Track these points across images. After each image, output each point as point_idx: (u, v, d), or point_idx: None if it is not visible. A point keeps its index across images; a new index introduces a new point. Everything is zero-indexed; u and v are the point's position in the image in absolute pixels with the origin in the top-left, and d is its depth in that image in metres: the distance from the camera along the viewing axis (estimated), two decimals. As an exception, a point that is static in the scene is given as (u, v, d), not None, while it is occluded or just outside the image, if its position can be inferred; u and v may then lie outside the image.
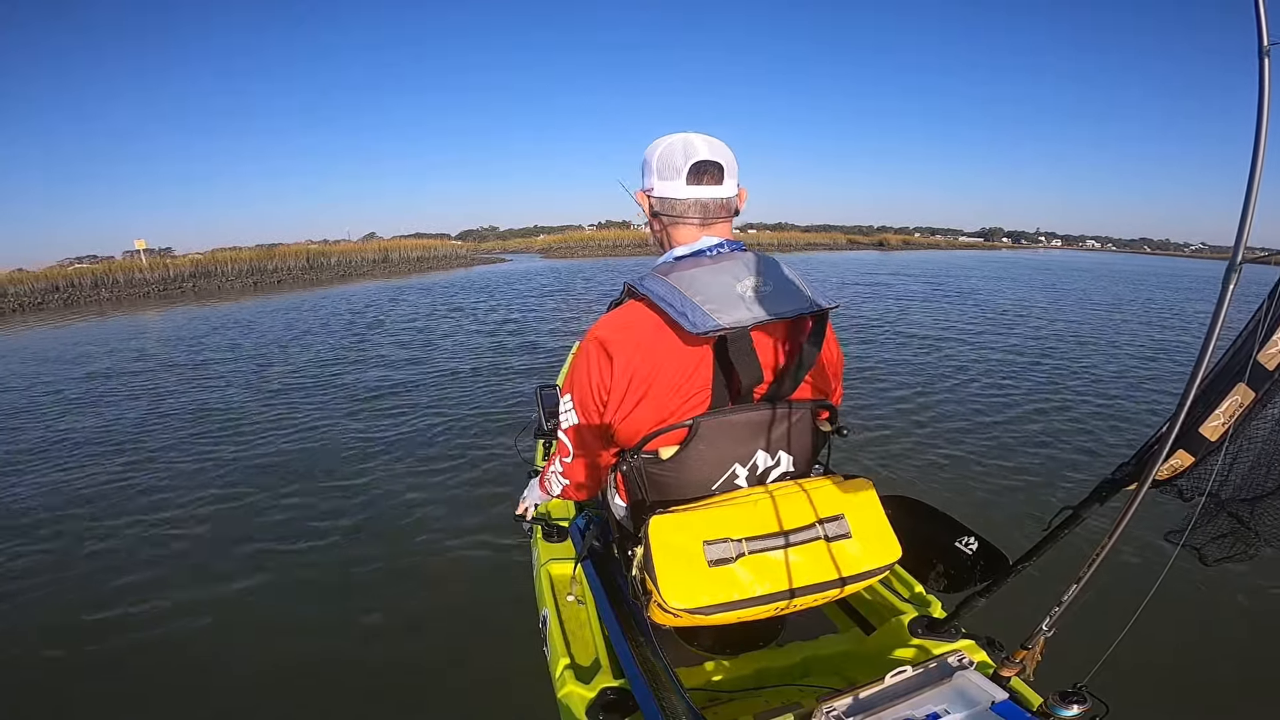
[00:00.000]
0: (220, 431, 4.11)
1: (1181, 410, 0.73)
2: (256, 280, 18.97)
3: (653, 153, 0.99)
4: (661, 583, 0.86)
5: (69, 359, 7.42)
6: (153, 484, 3.29)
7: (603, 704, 0.98)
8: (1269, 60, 0.66)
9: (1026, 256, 38.99)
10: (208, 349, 7.46)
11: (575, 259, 26.85)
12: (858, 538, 0.95)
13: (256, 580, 2.33)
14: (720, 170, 0.99)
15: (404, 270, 21.97)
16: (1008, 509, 2.83)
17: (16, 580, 2.38)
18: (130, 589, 2.29)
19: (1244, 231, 0.69)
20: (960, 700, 0.86)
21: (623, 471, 1.00)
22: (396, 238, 28.08)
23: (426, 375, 5.52)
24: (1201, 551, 0.83)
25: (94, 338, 9.19)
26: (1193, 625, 1.90)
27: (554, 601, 1.27)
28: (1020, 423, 4.08)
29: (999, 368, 5.70)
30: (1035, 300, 11.89)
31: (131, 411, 4.81)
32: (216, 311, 11.79)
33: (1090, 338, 7.57)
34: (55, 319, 12.46)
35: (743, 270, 0.92)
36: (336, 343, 7.44)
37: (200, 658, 1.92)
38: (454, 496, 3.00)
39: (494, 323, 8.56)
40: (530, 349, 6.63)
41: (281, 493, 3.08)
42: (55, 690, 1.80)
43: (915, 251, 38.68)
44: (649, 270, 0.99)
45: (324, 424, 4.20)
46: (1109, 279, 20.16)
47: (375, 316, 9.61)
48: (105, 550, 2.60)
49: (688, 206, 0.98)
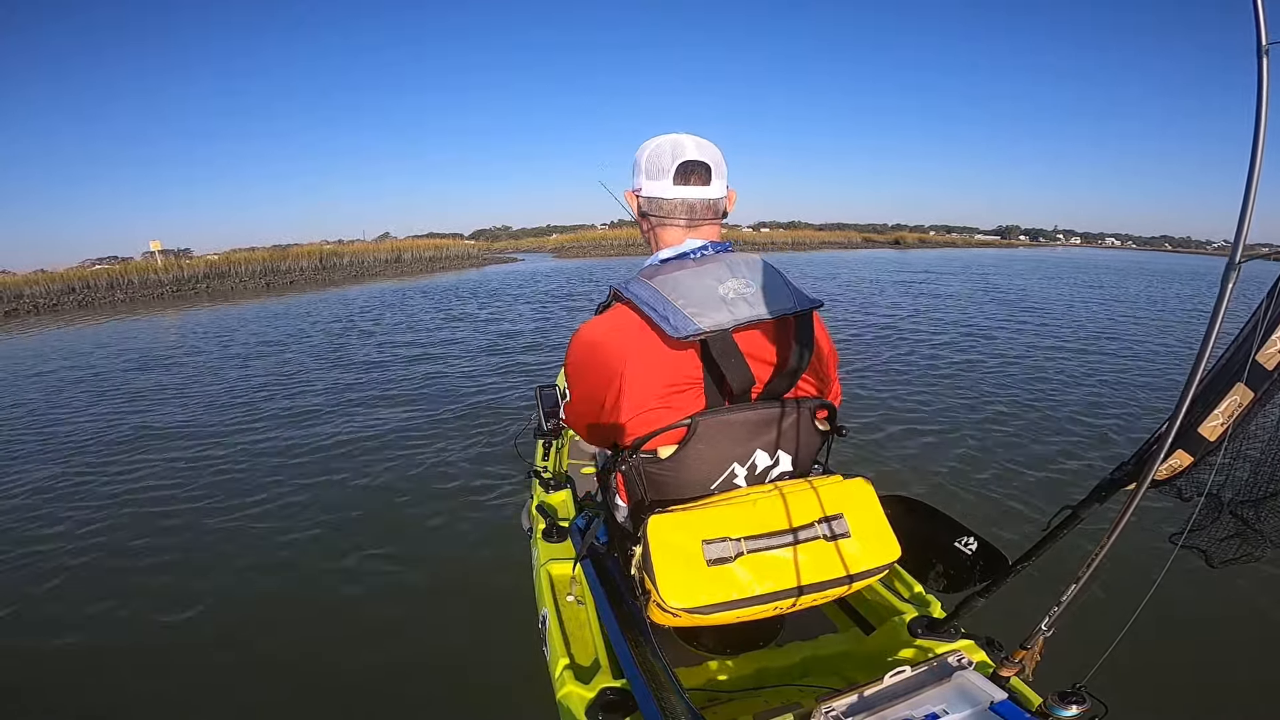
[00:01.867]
0: (168, 450, 4.07)
1: (1180, 410, 0.72)
2: (270, 280, 18.85)
3: (642, 153, 1.00)
4: (660, 582, 0.87)
5: (79, 357, 7.54)
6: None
7: (602, 704, 0.98)
8: (1268, 59, 0.66)
9: (1046, 254, 38.24)
10: (181, 357, 7.38)
11: (587, 258, 26.53)
12: (857, 537, 0.95)
13: (252, 580, 2.35)
14: (708, 171, 0.99)
15: (415, 270, 21.83)
16: (1008, 507, 2.81)
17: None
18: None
19: (1243, 229, 0.68)
20: (960, 700, 0.86)
21: (622, 471, 1.00)
22: (410, 238, 28.15)
23: (426, 373, 5.56)
24: (1208, 554, 0.83)
25: (100, 340, 9.26)
26: (1192, 625, 1.88)
27: (553, 601, 1.28)
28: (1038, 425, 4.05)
29: (1000, 368, 5.66)
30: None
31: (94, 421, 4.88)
32: (225, 314, 11.86)
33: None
34: (68, 319, 12.63)
35: (725, 272, 0.93)
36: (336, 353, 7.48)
37: (178, 661, 1.93)
38: (454, 495, 3.02)
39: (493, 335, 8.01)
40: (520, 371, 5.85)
41: (275, 492, 3.11)
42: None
43: (935, 250, 38.00)
44: (634, 274, 1.00)
45: (316, 422, 4.24)
46: (1159, 278, 19.22)
47: (368, 324, 9.24)
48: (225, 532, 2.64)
49: (674, 207, 0.99)
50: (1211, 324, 0.69)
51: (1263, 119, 0.67)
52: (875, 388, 4.88)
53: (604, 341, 0.95)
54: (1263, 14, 0.67)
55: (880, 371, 5.46)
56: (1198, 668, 1.75)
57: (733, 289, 0.90)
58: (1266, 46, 0.67)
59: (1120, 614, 0.83)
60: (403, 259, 23.39)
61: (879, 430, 3.84)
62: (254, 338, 8.35)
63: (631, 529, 1.05)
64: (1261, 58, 0.67)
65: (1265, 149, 0.70)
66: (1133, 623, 0.79)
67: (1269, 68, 0.67)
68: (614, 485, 1.10)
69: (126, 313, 13.22)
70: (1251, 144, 0.69)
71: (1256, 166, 0.68)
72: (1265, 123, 0.67)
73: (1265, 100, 0.67)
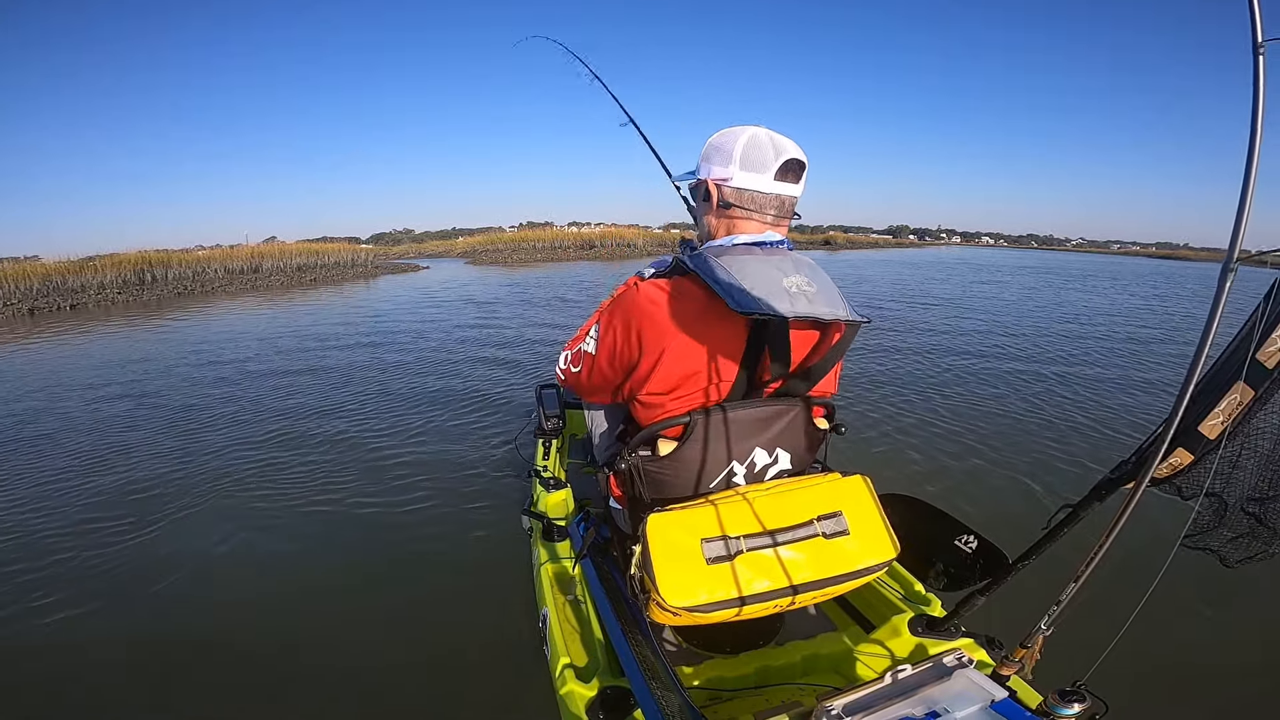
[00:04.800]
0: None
1: (1179, 408, 0.73)
2: (33, 306, 11.54)
3: (730, 143, 0.98)
4: (660, 581, 0.87)
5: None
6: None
7: (602, 702, 0.98)
8: (1263, 57, 0.66)
9: (944, 253, 36.36)
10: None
11: (513, 267, 18.98)
12: (856, 535, 0.96)
13: (251, 580, 2.35)
14: (801, 170, 1.00)
15: (278, 285, 14.94)
16: (1007, 507, 2.82)
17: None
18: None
19: (1239, 231, 0.68)
20: (960, 699, 0.86)
21: (620, 470, 1.01)
22: (302, 241, 19.95)
23: (424, 370, 5.54)
24: (1221, 554, 0.82)
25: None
26: (1192, 623, 1.88)
27: (554, 600, 1.28)
28: (1024, 424, 4.05)
29: (999, 366, 5.67)
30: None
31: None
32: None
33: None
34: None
35: (790, 267, 0.94)
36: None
37: (184, 656, 1.92)
38: (453, 495, 3.01)
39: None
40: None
41: (268, 492, 3.10)
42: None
43: (860, 250, 33.87)
44: (703, 249, 0.99)
45: (305, 419, 4.22)
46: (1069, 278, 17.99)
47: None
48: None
49: (767, 201, 0.99)
50: (1209, 324, 0.69)
51: (1259, 118, 0.67)
52: (874, 387, 4.88)
53: (663, 304, 0.94)
54: (1258, 12, 0.67)
55: (879, 371, 5.47)
56: (1198, 667, 1.75)
57: (795, 284, 0.91)
58: (1262, 44, 0.67)
59: (1120, 613, 0.83)
60: (263, 269, 16.14)
61: (879, 430, 3.84)
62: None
63: (631, 528, 1.06)
64: (1256, 55, 0.67)
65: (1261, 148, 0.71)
66: (1133, 621, 0.79)
67: (1264, 65, 0.67)
68: (613, 484, 1.10)
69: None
70: (1248, 143, 0.69)
71: (1254, 166, 0.68)
72: (1261, 121, 0.67)
73: (1261, 98, 0.67)
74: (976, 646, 1.07)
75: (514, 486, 3.00)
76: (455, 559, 2.44)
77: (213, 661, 1.91)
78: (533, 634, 1.36)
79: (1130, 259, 45.79)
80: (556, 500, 1.65)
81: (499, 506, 2.84)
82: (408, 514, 2.85)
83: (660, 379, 0.94)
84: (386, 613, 2.10)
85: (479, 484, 3.14)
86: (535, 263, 20.77)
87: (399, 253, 28.09)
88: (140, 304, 12.35)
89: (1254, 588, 2.01)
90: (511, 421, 4.02)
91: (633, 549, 0.93)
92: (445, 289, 12.92)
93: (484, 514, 2.80)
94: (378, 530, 2.70)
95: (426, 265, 21.19)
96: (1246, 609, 1.99)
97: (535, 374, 5.47)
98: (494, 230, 34.49)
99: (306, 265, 17.18)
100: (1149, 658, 1.64)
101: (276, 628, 2.07)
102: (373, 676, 1.80)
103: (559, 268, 18.26)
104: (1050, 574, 0.93)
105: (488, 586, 2.18)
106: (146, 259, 14.71)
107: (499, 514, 2.75)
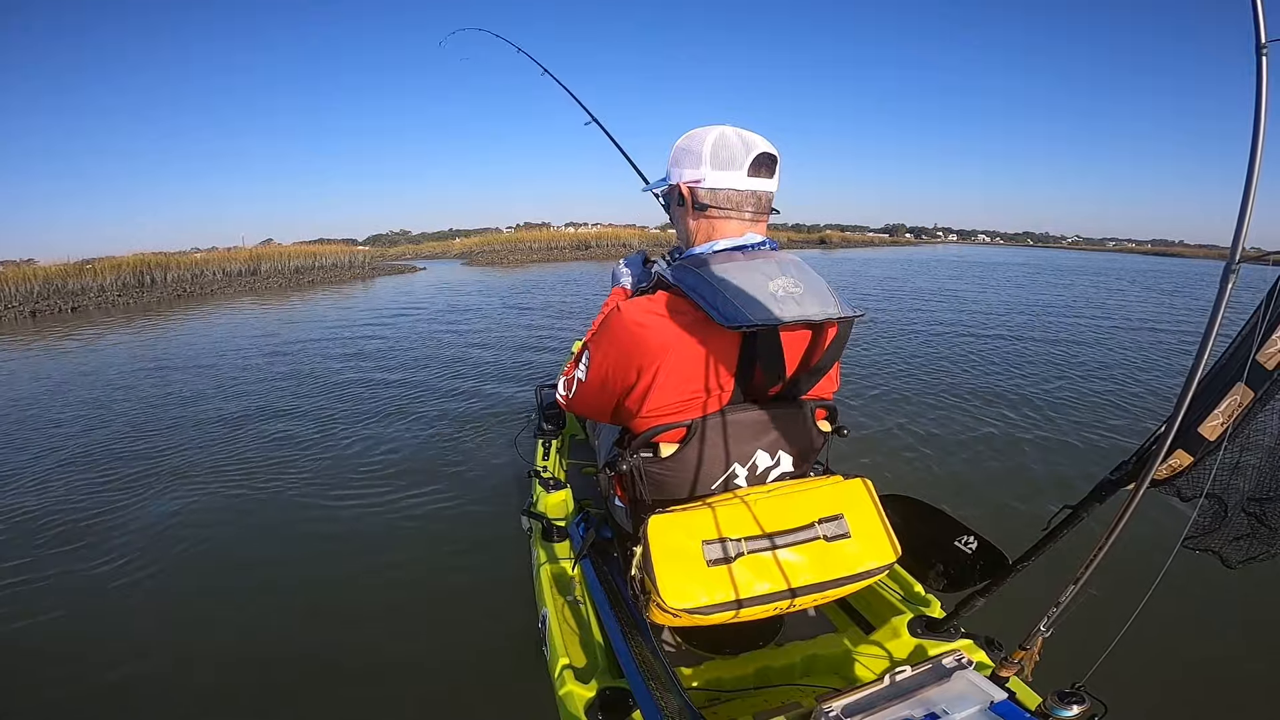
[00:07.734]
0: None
1: (1179, 410, 0.72)
2: (35, 309, 11.55)
3: (698, 144, 0.97)
4: (660, 583, 0.87)
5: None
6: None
7: (602, 703, 0.98)
8: (1266, 58, 0.66)
9: (943, 252, 35.88)
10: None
11: (510, 268, 19.09)
12: (857, 537, 0.95)
13: (249, 579, 2.35)
14: (774, 164, 0.98)
15: (276, 287, 15.02)
16: (1007, 508, 2.81)
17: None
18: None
19: (1242, 231, 0.68)
20: (959, 700, 0.86)
21: (622, 471, 1.00)
22: (299, 243, 20.76)
23: (423, 370, 5.54)
24: (1222, 555, 0.82)
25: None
26: (1192, 625, 1.88)
27: (553, 601, 1.28)
28: (1024, 424, 4.05)
29: (999, 366, 5.67)
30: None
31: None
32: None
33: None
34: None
35: (775, 269, 0.92)
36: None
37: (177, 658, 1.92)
38: (452, 495, 3.01)
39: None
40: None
41: (267, 492, 3.10)
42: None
43: (857, 250, 33.84)
44: (680, 260, 0.98)
45: (302, 429, 4.23)
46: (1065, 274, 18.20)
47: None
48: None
49: (744, 199, 0.98)
50: (1210, 325, 0.69)
51: (1262, 118, 0.66)
52: (873, 387, 4.88)
53: (651, 325, 0.92)
54: (1261, 13, 0.67)
55: (878, 371, 5.46)
56: (1198, 667, 1.75)
57: (782, 287, 0.90)
58: (1265, 44, 0.67)
59: (1120, 614, 0.83)
60: (261, 270, 16.21)
61: (878, 430, 3.84)
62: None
63: (631, 529, 1.05)
64: (1260, 56, 0.67)
65: (1265, 149, 0.70)
66: (1132, 622, 0.79)
67: (1267, 66, 0.67)
68: (614, 485, 1.10)
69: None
70: (1250, 144, 0.68)
71: (1256, 167, 0.68)
72: (1265, 121, 0.67)
73: (1265, 99, 0.66)
74: (976, 648, 1.07)
75: (513, 487, 3.00)
76: (454, 559, 2.44)
77: (213, 662, 1.91)
78: (532, 634, 1.36)
79: (1126, 256, 45.78)
80: (556, 501, 1.65)
81: (498, 507, 2.84)
82: (407, 514, 2.85)
83: (657, 397, 0.93)
84: (385, 613, 2.10)
85: (478, 484, 3.14)
86: (532, 263, 20.77)
87: (396, 254, 27.99)
88: (141, 306, 12.43)
89: (1254, 589, 2.01)
90: (511, 421, 4.02)
91: (633, 550, 0.92)
92: (442, 290, 13.03)
93: (483, 514, 2.80)
94: (377, 531, 2.70)
95: (423, 266, 21.12)
96: (1247, 610, 1.99)
97: (535, 374, 5.47)
98: (491, 231, 34.01)
99: (304, 267, 17.29)
100: (1149, 659, 1.64)
101: (276, 628, 2.07)
102: (372, 676, 1.80)
103: (556, 268, 18.31)
104: (1050, 575, 0.93)
105: (487, 587, 2.18)
106: (145, 262, 14.67)
107: (498, 514, 2.75)
